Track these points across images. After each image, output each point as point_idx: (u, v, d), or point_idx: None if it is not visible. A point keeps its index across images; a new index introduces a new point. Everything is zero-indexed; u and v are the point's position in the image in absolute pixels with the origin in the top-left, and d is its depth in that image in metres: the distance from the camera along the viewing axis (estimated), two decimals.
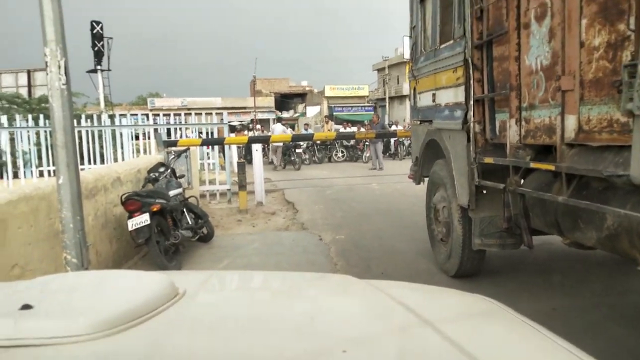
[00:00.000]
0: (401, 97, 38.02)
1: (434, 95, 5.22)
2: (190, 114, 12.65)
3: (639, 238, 2.68)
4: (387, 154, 20.23)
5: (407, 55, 6.29)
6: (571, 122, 3.01)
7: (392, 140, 19.78)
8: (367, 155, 18.34)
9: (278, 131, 17.92)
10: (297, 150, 17.59)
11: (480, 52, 4.18)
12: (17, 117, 11.63)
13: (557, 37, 3.09)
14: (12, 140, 11.22)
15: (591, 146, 2.88)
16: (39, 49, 3.43)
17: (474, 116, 4.23)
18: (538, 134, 3.39)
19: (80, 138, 10.48)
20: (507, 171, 3.76)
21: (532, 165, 3.43)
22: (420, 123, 5.76)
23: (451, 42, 4.71)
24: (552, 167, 3.19)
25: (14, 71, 22.42)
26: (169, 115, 12.04)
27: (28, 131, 11.10)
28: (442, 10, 4.98)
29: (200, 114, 11.48)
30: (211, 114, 11.40)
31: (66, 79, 3.51)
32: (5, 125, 11.19)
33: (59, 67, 3.49)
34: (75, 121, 3.87)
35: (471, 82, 4.23)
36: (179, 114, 11.86)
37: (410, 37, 6.11)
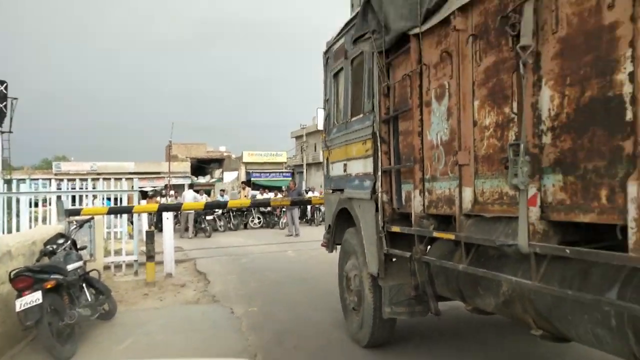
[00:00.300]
0: (318, 164, 38.94)
1: (345, 165, 5.37)
2: (98, 179, 12.04)
3: (530, 304, 2.83)
4: (304, 220, 20.33)
5: (320, 126, 6.52)
6: (468, 194, 3.21)
7: (309, 206, 19.98)
8: (284, 221, 18.31)
9: (189, 198, 17.56)
10: (208, 218, 17.20)
11: (387, 126, 4.40)
12: None
13: (454, 115, 3.35)
14: None
15: (486, 217, 3.06)
16: None
17: (381, 186, 4.39)
18: (440, 204, 3.57)
19: None
20: (414, 240, 3.88)
21: (435, 234, 3.58)
22: (332, 192, 5.88)
23: (361, 115, 4.93)
24: (452, 237, 3.34)
25: None
26: (74, 180, 11.32)
27: None
28: (353, 86, 5.24)
29: (110, 179, 10.92)
30: (121, 179, 10.87)
31: None
32: None
33: None
34: None
35: (379, 154, 4.41)
36: (86, 179, 11.22)
37: (324, 109, 6.35)
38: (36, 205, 11.01)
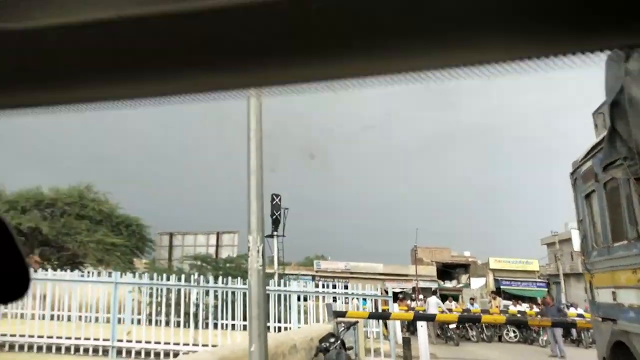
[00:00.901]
0: (578, 275, 34.67)
1: (614, 293, 5.03)
2: (352, 278, 13.34)
3: None
4: (569, 339, 18.03)
5: (576, 248, 6.31)
6: None
7: None
8: (545, 338, 16.66)
9: (432, 304, 17.83)
10: (452, 326, 16.97)
11: None
12: (210, 276, 13.43)
13: None
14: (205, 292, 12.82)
15: None
16: (225, 216, 4.24)
17: None
18: None
19: None
20: None
21: None
22: (602, 320, 5.45)
23: (625, 242, 4.68)
24: None
25: (206, 233, 26.43)
26: (332, 279, 12.83)
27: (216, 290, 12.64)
28: (611, 209, 5.04)
29: (362, 279, 12.05)
30: (373, 279, 11.87)
31: (262, 261, 4.30)
32: (201, 282, 12.97)
33: (258, 251, 4.32)
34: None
35: None
36: (343, 279, 12.59)
37: (579, 229, 6.15)
38: (305, 300, 12.74)
